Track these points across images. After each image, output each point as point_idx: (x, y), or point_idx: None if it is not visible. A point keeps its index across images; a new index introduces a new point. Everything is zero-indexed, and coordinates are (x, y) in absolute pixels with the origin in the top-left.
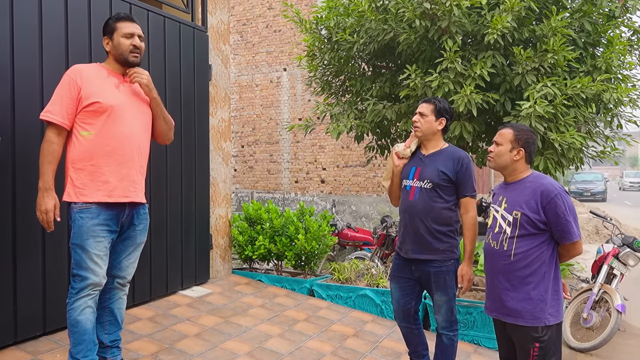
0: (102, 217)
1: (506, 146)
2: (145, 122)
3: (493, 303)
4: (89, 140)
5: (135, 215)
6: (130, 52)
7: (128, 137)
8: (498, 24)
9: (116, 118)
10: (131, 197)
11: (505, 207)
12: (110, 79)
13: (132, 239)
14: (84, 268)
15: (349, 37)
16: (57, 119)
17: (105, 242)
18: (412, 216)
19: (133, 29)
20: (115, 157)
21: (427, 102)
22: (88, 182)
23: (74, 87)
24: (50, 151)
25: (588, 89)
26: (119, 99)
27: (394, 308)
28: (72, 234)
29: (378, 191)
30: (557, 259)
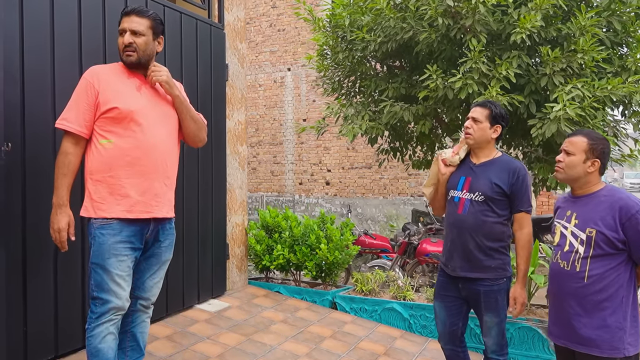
0: (125, 233)
1: (579, 156)
2: (171, 127)
3: (561, 329)
4: (108, 149)
5: (161, 230)
6: (123, 51)
7: (151, 145)
8: (526, 22)
9: (138, 124)
10: (153, 213)
11: (576, 224)
12: (130, 81)
13: (156, 256)
14: (105, 290)
15: (366, 36)
16: (73, 127)
17: (128, 261)
18: (460, 231)
19: (124, 24)
20: (136, 168)
21: (482, 106)
22: (106, 196)
23: (91, 92)
24: (66, 163)
25: (619, 91)
26: (140, 103)
27: (439, 330)
28: (91, 252)
29: (384, 193)
30: (635, 282)
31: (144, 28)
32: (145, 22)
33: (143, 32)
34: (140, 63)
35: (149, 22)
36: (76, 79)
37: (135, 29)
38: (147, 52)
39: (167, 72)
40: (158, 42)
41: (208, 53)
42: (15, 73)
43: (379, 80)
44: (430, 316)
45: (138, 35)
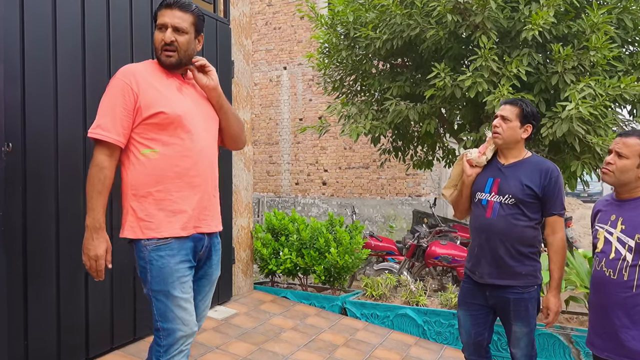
0: (184, 251)
1: (633, 160)
2: (215, 131)
3: (606, 342)
4: (153, 159)
5: (212, 246)
6: (161, 49)
7: (200, 153)
8: (538, 19)
9: (185, 130)
10: (205, 227)
11: (622, 229)
12: (170, 81)
13: (208, 277)
14: (171, 319)
15: (371, 33)
16: (111, 137)
17: (189, 281)
18: (489, 236)
19: (165, 19)
20: (186, 180)
21: (512, 104)
22: (156, 213)
23: (129, 95)
24: (101, 179)
25: (631, 89)
26: (186, 106)
27: (464, 340)
28: (149, 278)
29: (382, 194)
30: None
31: (187, 25)
32: (188, 17)
33: (186, 29)
34: (180, 64)
35: (193, 17)
36: (79, 75)
37: (178, 25)
38: (188, 53)
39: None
40: (198, 41)
41: (214, 49)
42: (15, 69)
43: (382, 78)
44: (446, 322)
45: (180, 32)
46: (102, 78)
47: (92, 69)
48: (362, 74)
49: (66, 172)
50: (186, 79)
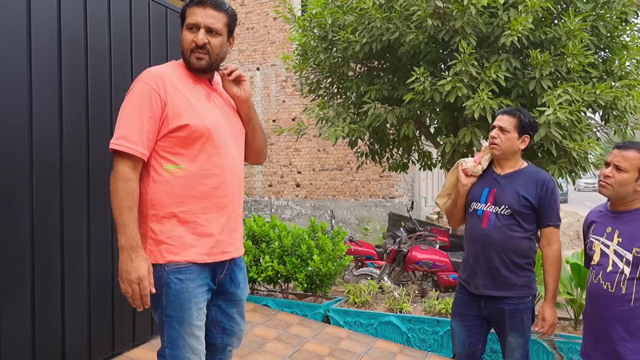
0: (203, 275)
1: (632, 174)
2: (242, 145)
3: (602, 355)
4: (177, 177)
5: (235, 267)
6: (191, 51)
7: (228, 170)
8: (518, 25)
9: (214, 146)
10: (231, 253)
11: (619, 242)
12: (198, 88)
13: (237, 299)
14: (180, 347)
15: (351, 36)
16: (137, 150)
17: (204, 307)
18: (485, 246)
19: (198, 18)
20: (213, 200)
21: (510, 114)
22: (181, 235)
23: (156, 102)
24: (129, 192)
25: (606, 95)
26: (215, 117)
27: (457, 351)
28: (164, 302)
29: (356, 195)
30: None
31: (221, 25)
32: (222, 17)
33: (220, 30)
34: (210, 68)
35: (227, 17)
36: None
37: (212, 25)
38: (220, 56)
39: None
40: (229, 43)
41: None
42: None
43: (360, 81)
44: (430, 329)
45: (214, 34)
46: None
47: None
48: (339, 76)
49: (41, 173)
50: (214, 85)
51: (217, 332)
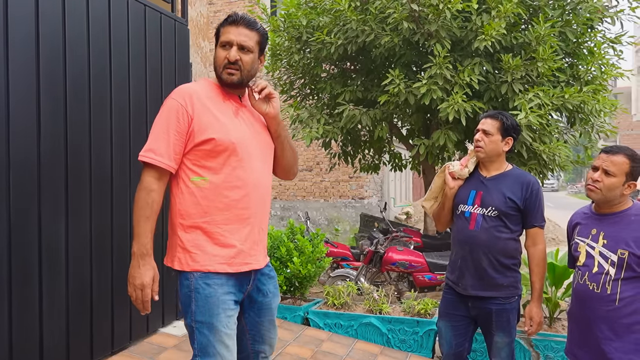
0: (231, 282)
1: (620, 178)
2: (270, 160)
3: (589, 354)
4: (202, 188)
5: (262, 276)
6: (223, 67)
7: (252, 184)
8: (491, 30)
9: (238, 159)
10: (252, 264)
11: (604, 244)
12: (227, 105)
13: (267, 308)
14: (212, 354)
15: (326, 38)
16: (163, 162)
17: (234, 316)
18: (473, 248)
19: (231, 36)
20: (236, 212)
21: (493, 117)
22: (204, 245)
23: (183, 118)
24: (149, 202)
25: (574, 99)
26: (241, 132)
27: (444, 351)
28: (193, 308)
29: (325, 196)
30: None
31: (253, 43)
32: (254, 35)
33: (251, 47)
34: (242, 84)
35: (258, 36)
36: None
37: (244, 43)
38: (251, 73)
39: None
40: (260, 60)
41: (172, 50)
42: None
43: (334, 83)
44: (410, 330)
45: (246, 51)
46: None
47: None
48: (312, 77)
49: (19, 172)
50: (243, 102)
51: (247, 341)
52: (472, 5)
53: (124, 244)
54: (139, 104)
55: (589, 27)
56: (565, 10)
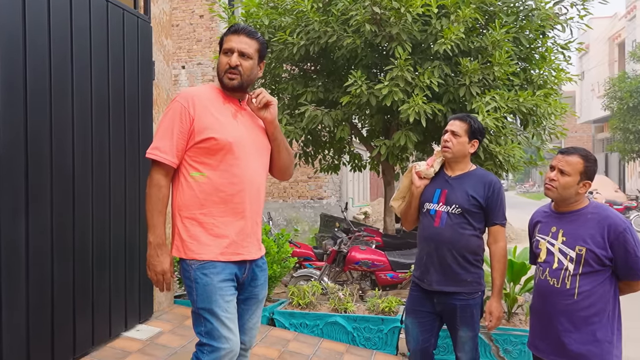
0: (228, 271)
1: (574, 177)
2: (265, 160)
3: (550, 346)
4: (200, 183)
5: (256, 267)
6: (225, 72)
7: (247, 181)
8: (450, 34)
9: (235, 157)
10: (244, 255)
11: (564, 241)
12: (227, 107)
13: (254, 296)
14: (216, 337)
15: (289, 38)
16: (167, 159)
17: (233, 301)
18: (438, 244)
19: (232, 44)
20: (231, 206)
21: (461, 120)
22: (198, 235)
23: (185, 118)
24: (160, 198)
25: (528, 103)
26: (238, 133)
27: (411, 347)
28: (195, 297)
29: (284, 197)
30: (618, 296)
31: (253, 51)
32: (254, 44)
33: (251, 54)
34: (241, 87)
35: (258, 44)
36: None
37: (244, 50)
38: (250, 77)
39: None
40: (260, 67)
41: (135, 48)
42: None
43: (296, 83)
44: (375, 328)
45: (246, 57)
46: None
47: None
48: (272, 78)
49: None
50: (243, 105)
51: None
52: (432, 9)
53: (85, 245)
54: (101, 98)
55: (541, 33)
56: (518, 17)
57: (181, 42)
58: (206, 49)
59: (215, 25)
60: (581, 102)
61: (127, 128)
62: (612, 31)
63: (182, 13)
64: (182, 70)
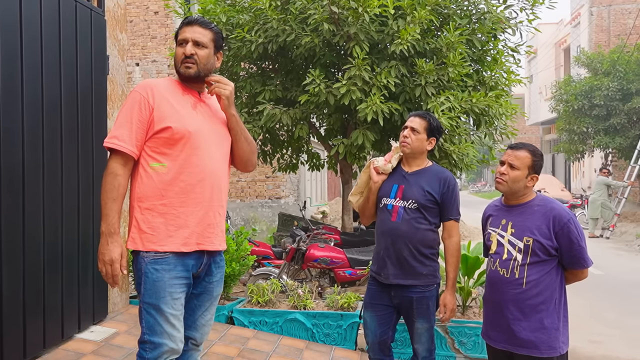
0: (180, 267)
1: (523, 171)
2: (226, 149)
3: (500, 334)
4: (160, 173)
5: (213, 263)
6: (181, 62)
7: (208, 170)
8: (407, 35)
9: (194, 147)
10: (207, 245)
11: (512, 233)
12: (186, 98)
13: (208, 292)
14: (159, 333)
15: (247, 35)
16: (126, 147)
17: (182, 298)
18: (395, 238)
19: (186, 34)
20: (192, 196)
21: (421, 117)
22: (158, 226)
23: (145, 107)
24: (115, 186)
25: (480, 103)
26: (197, 123)
27: (369, 341)
28: (143, 290)
29: (242, 196)
30: (564, 285)
31: (207, 40)
32: (208, 33)
33: (206, 44)
34: (199, 77)
35: (212, 34)
36: None
37: (199, 39)
38: (207, 66)
39: (232, 88)
40: (217, 57)
41: (88, 42)
42: None
43: (254, 82)
44: (334, 324)
45: (200, 47)
46: None
47: None
48: (230, 76)
49: None
50: (202, 97)
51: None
52: (388, 10)
53: (36, 246)
54: (52, 93)
55: (492, 36)
56: (471, 20)
57: (135, 39)
58: (161, 46)
59: (171, 22)
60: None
61: (80, 124)
62: (558, 37)
63: (136, 9)
64: (136, 68)
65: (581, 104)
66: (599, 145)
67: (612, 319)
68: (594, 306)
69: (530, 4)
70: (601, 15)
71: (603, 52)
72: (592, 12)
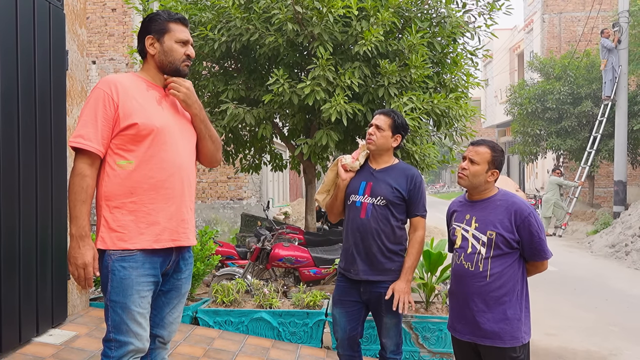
0: (147, 265)
1: (483, 166)
2: (192, 145)
3: (465, 326)
4: (128, 171)
5: (182, 260)
6: (183, 62)
7: (177, 166)
8: (370, 36)
9: (161, 143)
10: (181, 241)
11: (476, 227)
12: (150, 93)
13: (177, 289)
14: (124, 332)
15: (210, 34)
16: (92, 146)
17: (149, 297)
18: (364, 235)
19: (187, 36)
20: (162, 192)
21: (385, 114)
22: (128, 224)
23: (109, 105)
24: (84, 187)
25: (441, 105)
26: (163, 118)
27: (339, 337)
28: (109, 288)
29: (203, 197)
30: (526, 276)
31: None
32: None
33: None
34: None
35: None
36: None
37: (189, 39)
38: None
39: (189, 86)
40: None
41: (47, 36)
42: None
43: (216, 81)
44: (300, 322)
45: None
46: None
47: None
48: (192, 75)
49: None
50: (167, 92)
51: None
52: (352, 11)
53: None
54: (9, 88)
55: (452, 39)
56: (432, 23)
57: (92, 37)
58: (119, 44)
59: (129, 20)
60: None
61: (39, 121)
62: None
63: (93, 5)
64: (92, 66)
65: (534, 107)
66: (552, 147)
67: (566, 312)
68: (548, 301)
69: (488, 9)
70: (552, 22)
71: (555, 58)
72: (544, 19)
